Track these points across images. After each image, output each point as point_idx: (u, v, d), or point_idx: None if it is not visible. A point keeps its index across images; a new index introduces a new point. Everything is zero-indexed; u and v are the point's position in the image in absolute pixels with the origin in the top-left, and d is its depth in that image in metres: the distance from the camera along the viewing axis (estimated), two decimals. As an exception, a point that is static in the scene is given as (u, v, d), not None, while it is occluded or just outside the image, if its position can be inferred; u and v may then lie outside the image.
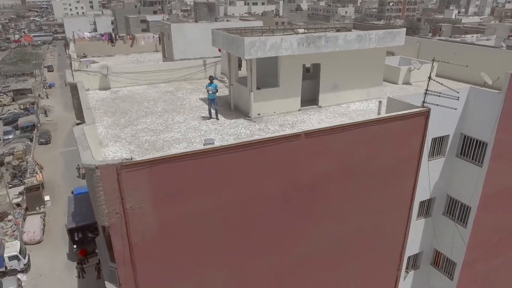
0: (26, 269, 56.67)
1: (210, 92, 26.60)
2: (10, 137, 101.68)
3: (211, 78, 27.30)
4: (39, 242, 62.54)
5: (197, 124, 26.22)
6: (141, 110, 29.29)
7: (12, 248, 56.49)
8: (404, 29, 31.01)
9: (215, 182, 19.40)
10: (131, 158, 16.93)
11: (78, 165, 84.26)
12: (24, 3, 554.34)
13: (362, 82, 30.42)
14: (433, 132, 27.91)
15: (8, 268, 55.34)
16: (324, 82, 29.12)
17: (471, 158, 29.22)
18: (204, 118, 27.40)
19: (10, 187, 77.12)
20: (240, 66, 33.43)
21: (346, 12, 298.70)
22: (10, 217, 66.95)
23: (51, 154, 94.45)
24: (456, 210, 31.34)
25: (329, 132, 21.57)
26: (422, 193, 29.86)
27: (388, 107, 26.07)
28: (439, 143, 29.23)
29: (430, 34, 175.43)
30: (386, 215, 27.02)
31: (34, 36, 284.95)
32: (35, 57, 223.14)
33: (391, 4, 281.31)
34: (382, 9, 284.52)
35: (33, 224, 63.92)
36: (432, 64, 28.26)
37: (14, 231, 63.52)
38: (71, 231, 57.84)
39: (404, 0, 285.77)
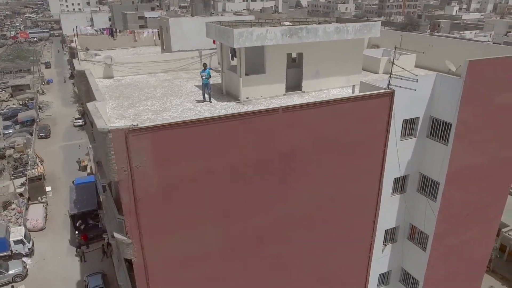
0: (30, 254, 60.88)
1: (204, 77, 30.80)
2: (10, 131, 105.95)
3: (205, 65, 31.52)
4: (42, 229, 66.73)
5: (192, 106, 30.39)
6: (142, 95, 33.46)
7: (17, 233, 60.76)
8: (379, 22, 35.22)
9: (206, 148, 23.63)
10: (137, 125, 21.20)
11: (79, 158, 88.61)
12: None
13: (342, 70, 34.57)
14: (403, 114, 32.23)
15: (14, 252, 59.53)
16: (307, 69, 33.29)
17: (438, 138, 33.46)
18: (198, 101, 31.57)
19: (12, 179, 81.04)
20: (234, 56, 37.58)
21: (346, 8, 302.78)
22: (13, 205, 71.08)
23: (51, 148, 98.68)
24: (428, 186, 35.59)
25: (304, 108, 25.86)
26: (395, 171, 34.12)
27: (361, 90, 30.38)
28: (410, 125, 33.48)
29: (428, 31, 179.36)
30: (357, 186, 31.24)
31: (30, 33, 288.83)
32: (32, 53, 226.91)
33: (391, 0, 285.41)
34: (382, 5, 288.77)
35: (36, 212, 68.10)
36: (395, 52, 32.49)
37: (18, 219, 67.66)
38: (73, 217, 61.95)
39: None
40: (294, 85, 33.90)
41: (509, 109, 33.36)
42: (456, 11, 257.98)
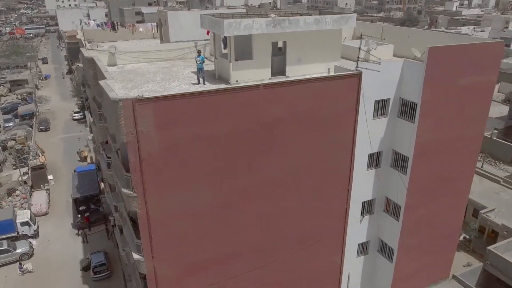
0: (35, 235, 66.49)
1: (198, 62, 36.27)
2: (10, 124, 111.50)
3: (199, 52, 37.07)
4: (45, 214, 72.27)
5: (188, 87, 35.84)
6: (143, 79, 38.94)
7: (23, 215, 66.39)
8: (355, 14, 40.72)
9: (199, 117, 29.08)
10: (142, 95, 26.76)
11: (79, 149, 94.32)
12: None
13: (322, 57, 39.90)
14: (375, 95, 37.81)
15: (20, 233, 65.04)
16: (290, 57, 38.69)
17: (407, 117, 39.02)
18: (194, 84, 37.03)
19: (14, 168, 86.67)
20: (225, 45, 43.03)
21: (346, 4, 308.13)
22: (17, 192, 76.65)
23: (51, 140, 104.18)
24: (399, 161, 41.16)
25: (281, 85, 31.40)
26: (367, 147, 39.69)
27: (335, 73, 35.96)
28: (382, 106, 39.02)
29: (426, 26, 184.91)
30: (331, 157, 36.71)
31: (26, 29, 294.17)
32: (28, 49, 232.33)
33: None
34: (382, 1, 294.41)
35: (39, 198, 73.64)
36: (361, 40, 38.08)
37: (22, 204, 73.22)
38: (76, 201, 67.56)
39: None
40: (279, 71, 39.28)
41: (469, 90, 38.83)
42: (457, 6, 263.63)
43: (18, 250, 61.51)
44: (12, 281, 57.93)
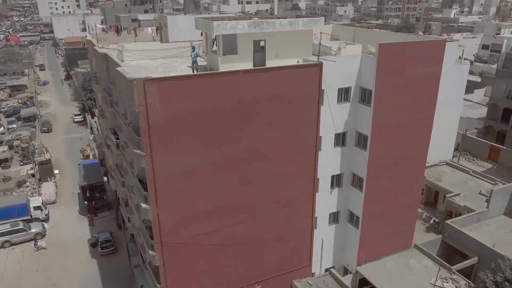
0: (46, 219, 77.17)
1: (193, 56, 47.19)
2: (14, 126, 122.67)
3: (193, 48, 47.93)
4: (54, 202, 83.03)
5: (184, 77, 46.81)
6: (147, 71, 49.39)
7: (35, 201, 77.21)
8: (322, 18, 51.64)
9: (194, 95, 39.73)
10: (150, 76, 37.63)
11: (82, 148, 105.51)
12: (5, 2, 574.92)
13: (296, 53, 50.48)
14: (338, 84, 48.63)
15: (33, 217, 75.74)
16: (269, 52, 49.35)
17: (365, 102, 49.83)
18: (189, 74, 48.01)
19: (21, 165, 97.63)
20: (215, 44, 53.76)
21: (345, 11, 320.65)
22: (27, 183, 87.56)
23: (53, 140, 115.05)
24: (361, 140, 51.91)
25: (257, 72, 42.28)
26: (333, 127, 50.45)
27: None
28: (345, 93, 49.79)
29: (420, 33, 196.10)
30: (300, 132, 47.22)
31: (21, 36, 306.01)
32: (24, 56, 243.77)
33: (389, 3, 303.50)
34: (380, 8, 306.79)
35: (48, 188, 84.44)
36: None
37: (33, 194, 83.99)
38: (83, 188, 78.47)
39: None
40: (260, 64, 49.51)
41: (416, 80, 49.49)
42: (455, 13, 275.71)
43: (33, 230, 72.24)
44: (28, 256, 68.60)
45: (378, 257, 57.39)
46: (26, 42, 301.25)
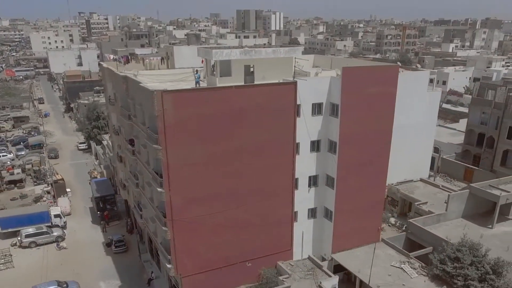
0: (64, 226, 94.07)
1: (196, 77, 64.71)
2: (22, 153, 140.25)
3: (196, 71, 65.61)
4: (69, 214, 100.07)
5: (190, 93, 64.27)
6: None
7: (55, 210, 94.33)
8: (301, 47, 69.79)
9: (198, 103, 57.16)
10: (166, 89, 55.15)
11: (90, 170, 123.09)
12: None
13: (279, 76, 67.71)
14: (312, 100, 65.96)
15: (53, 223, 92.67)
16: (257, 75, 66.54)
17: (334, 114, 67.23)
18: (193, 92, 65.51)
19: (35, 185, 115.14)
20: (213, 68, 71.09)
21: (344, 46, 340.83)
22: (44, 198, 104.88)
23: (61, 166, 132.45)
24: (332, 146, 69.17)
25: (245, 87, 59.91)
26: (307, 135, 67.71)
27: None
28: (318, 107, 67.16)
29: (417, 65, 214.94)
30: (279, 137, 64.22)
31: (16, 71, 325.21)
32: (20, 91, 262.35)
33: (389, 37, 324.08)
34: (380, 42, 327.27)
35: (63, 202, 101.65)
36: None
37: (49, 207, 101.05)
38: (96, 199, 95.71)
39: (403, 33, 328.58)
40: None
41: (374, 97, 66.46)
42: (453, 48, 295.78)
43: (54, 233, 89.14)
44: (51, 254, 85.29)
45: (350, 248, 73.59)
46: (21, 77, 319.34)
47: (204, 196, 61.45)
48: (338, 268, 71.37)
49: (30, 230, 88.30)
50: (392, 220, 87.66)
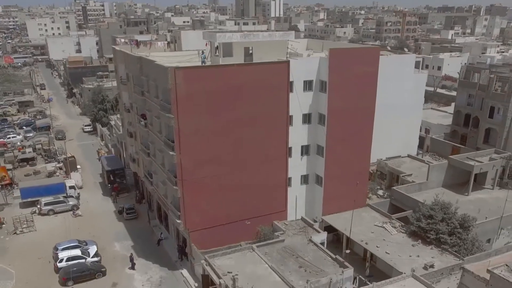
0: (78, 197, 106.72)
1: (202, 57, 77.07)
2: (31, 134, 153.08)
3: (203, 51, 78.04)
4: (81, 187, 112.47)
5: (196, 72, 76.75)
6: (170, 69, 79.64)
7: (69, 182, 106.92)
8: (294, 32, 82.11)
9: (205, 78, 69.57)
10: (178, 66, 67.66)
11: (98, 149, 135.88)
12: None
13: (275, 57, 79.40)
14: (303, 77, 78.37)
15: (68, 194, 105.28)
16: (255, 56, 78.07)
17: (323, 90, 79.62)
18: (199, 70, 78.01)
19: (46, 163, 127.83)
20: (217, 50, 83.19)
21: (344, 33, 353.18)
22: (57, 173, 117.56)
23: (69, 146, 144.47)
24: (322, 119, 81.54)
25: (245, 65, 72.33)
26: (299, 109, 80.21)
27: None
28: (308, 84, 79.48)
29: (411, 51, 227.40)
30: (275, 110, 76.51)
31: (15, 58, 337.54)
32: (19, 77, 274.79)
33: (388, 24, 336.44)
34: (379, 30, 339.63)
35: (75, 177, 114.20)
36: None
37: (64, 179, 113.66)
38: (107, 172, 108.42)
39: (403, 20, 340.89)
40: (249, 65, 79.99)
41: (358, 75, 78.32)
42: (452, 35, 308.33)
43: (70, 202, 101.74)
44: (68, 221, 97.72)
45: (339, 211, 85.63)
46: (19, 64, 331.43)
47: (209, 160, 73.69)
48: (328, 230, 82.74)
49: (49, 198, 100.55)
50: (381, 192, 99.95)
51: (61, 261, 78.86)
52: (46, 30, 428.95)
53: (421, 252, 73.45)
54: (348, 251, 77.23)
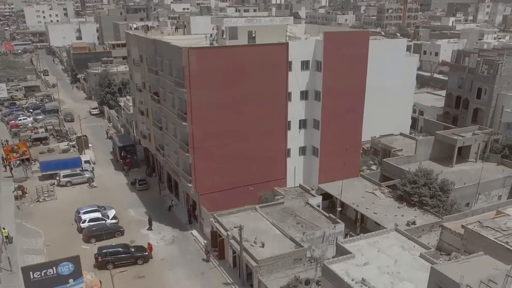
0: (92, 170, 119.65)
1: (210, 39, 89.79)
2: (40, 117, 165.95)
3: (211, 35, 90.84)
4: (94, 163, 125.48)
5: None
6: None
7: (84, 157, 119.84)
8: (292, 17, 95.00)
9: (214, 57, 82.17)
10: (191, 46, 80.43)
11: (107, 128, 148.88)
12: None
13: (275, 40, 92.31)
14: (301, 58, 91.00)
15: (84, 168, 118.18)
16: (258, 39, 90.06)
17: (319, 70, 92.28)
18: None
19: (59, 142, 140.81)
20: (223, 33, 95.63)
21: (345, 20, 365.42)
22: (71, 150, 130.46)
23: (78, 127, 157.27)
24: (318, 96, 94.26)
25: (249, 46, 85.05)
26: (297, 86, 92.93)
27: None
28: (305, 64, 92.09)
29: (409, 39, 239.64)
30: (275, 87, 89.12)
31: (15, 45, 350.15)
32: (20, 64, 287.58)
33: (389, 11, 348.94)
34: (380, 17, 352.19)
35: (88, 153, 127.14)
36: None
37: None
38: (120, 148, 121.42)
39: (404, 7, 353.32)
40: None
41: (350, 56, 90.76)
42: (453, 22, 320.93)
43: (86, 175, 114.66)
44: (85, 191, 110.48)
45: (333, 180, 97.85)
46: (19, 51, 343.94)
47: (217, 131, 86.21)
48: (323, 198, 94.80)
49: (67, 171, 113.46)
50: (374, 167, 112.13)
51: (83, 222, 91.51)
52: (44, 17, 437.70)
53: (405, 212, 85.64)
54: (339, 209, 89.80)
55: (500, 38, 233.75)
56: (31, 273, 65.22)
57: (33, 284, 65.08)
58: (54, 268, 65.92)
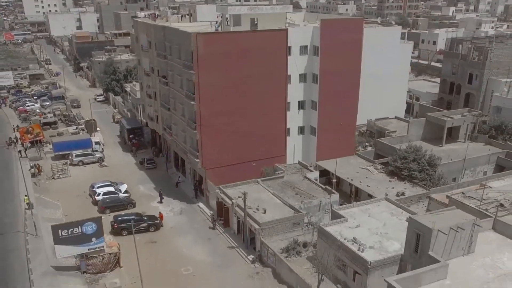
0: (102, 151, 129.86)
1: (216, 25, 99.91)
2: (47, 103, 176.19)
3: (216, 22, 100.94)
4: (103, 144, 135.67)
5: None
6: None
7: (95, 138, 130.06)
8: (291, 6, 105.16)
9: (219, 42, 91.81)
10: (199, 32, 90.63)
11: (113, 113, 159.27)
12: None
13: (276, 26, 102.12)
14: (299, 43, 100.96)
15: (94, 149, 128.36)
16: (259, 26, 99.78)
17: (316, 54, 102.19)
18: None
19: (67, 126, 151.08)
20: (227, 21, 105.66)
21: (346, 9, 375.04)
22: (81, 133, 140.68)
23: (84, 113, 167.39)
24: (315, 78, 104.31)
25: (251, 32, 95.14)
26: (296, 69, 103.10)
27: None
28: (304, 48, 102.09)
29: (409, 28, 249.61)
30: (275, 69, 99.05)
31: (15, 35, 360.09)
32: (21, 54, 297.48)
33: (390, 1, 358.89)
34: (381, 6, 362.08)
35: (98, 135, 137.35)
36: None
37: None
38: (128, 130, 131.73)
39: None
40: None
41: (344, 42, 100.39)
42: (453, 11, 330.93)
43: (97, 155, 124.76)
44: (96, 170, 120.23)
45: (330, 158, 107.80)
46: (19, 40, 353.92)
47: (222, 110, 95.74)
48: (320, 175, 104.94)
49: (79, 151, 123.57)
50: (369, 148, 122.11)
51: (98, 195, 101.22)
52: (42, 7, 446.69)
53: (396, 185, 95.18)
54: (335, 180, 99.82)
55: (497, 27, 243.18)
56: (59, 231, 74.59)
57: (61, 241, 74.57)
58: (79, 227, 75.14)
